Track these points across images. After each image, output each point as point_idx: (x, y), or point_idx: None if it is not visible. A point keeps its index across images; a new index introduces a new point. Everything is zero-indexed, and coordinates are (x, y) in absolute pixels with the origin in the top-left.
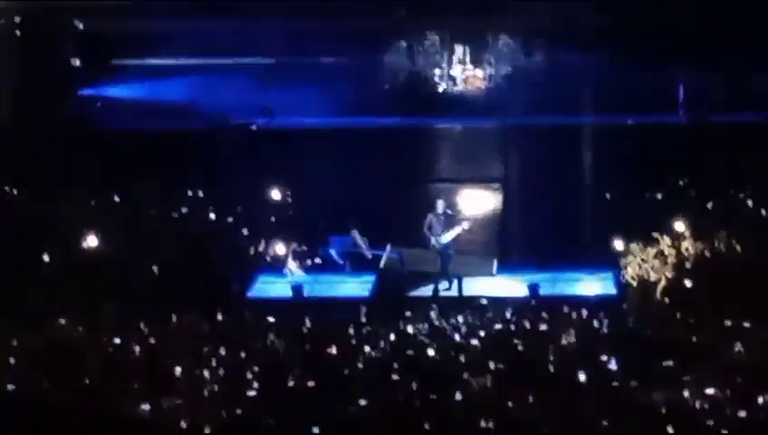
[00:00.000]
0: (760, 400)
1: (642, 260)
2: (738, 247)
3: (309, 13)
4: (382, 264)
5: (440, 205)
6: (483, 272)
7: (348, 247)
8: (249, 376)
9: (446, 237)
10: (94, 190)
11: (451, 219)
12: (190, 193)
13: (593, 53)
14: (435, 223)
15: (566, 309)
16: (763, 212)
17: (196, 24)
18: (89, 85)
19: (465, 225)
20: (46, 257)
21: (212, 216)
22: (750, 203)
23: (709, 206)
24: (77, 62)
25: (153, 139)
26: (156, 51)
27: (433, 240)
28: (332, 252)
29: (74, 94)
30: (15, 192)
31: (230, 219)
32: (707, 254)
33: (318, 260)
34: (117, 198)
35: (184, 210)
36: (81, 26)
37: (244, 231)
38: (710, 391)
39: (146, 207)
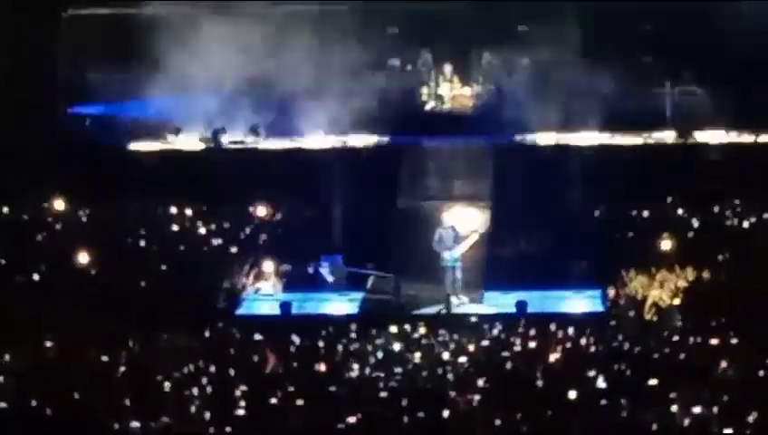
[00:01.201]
0: (747, 418)
1: (630, 278)
2: (725, 264)
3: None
4: (369, 286)
5: (448, 219)
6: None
7: (338, 268)
8: (236, 394)
9: (459, 250)
10: (81, 207)
11: (459, 233)
12: (178, 211)
13: (581, 70)
14: (444, 237)
15: (554, 327)
16: (750, 229)
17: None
18: (77, 102)
19: (476, 235)
20: (32, 273)
21: (201, 231)
22: (736, 220)
23: (696, 223)
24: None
25: (141, 156)
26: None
27: (446, 254)
28: (323, 271)
29: (63, 110)
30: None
31: (218, 238)
32: (695, 271)
33: (305, 279)
34: (104, 215)
35: (172, 228)
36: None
37: (232, 249)
38: (697, 409)
39: (134, 224)
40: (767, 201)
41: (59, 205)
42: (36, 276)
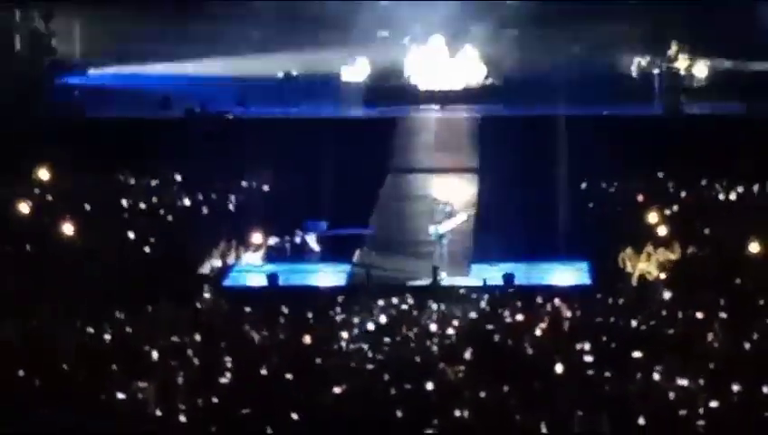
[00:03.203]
0: (732, 390)
1: (617, 251)
2: (713, 238)
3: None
4: (356, 258)
5: (437, 192)
6: (456, 273)
7: (323, 232)
8: (224, 364)
9: (446, 226)
10: (67, 178)
11: (450, 209)
12: (165, 181)
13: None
14: (433, 210)
15: (540, 299)
16: (739, 202)
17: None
18: (65, 74)
19: (466, 215)
20: (17, 245)
21: (186, 203)
22: (724, 195)
23: (684, 196)
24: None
25: (128, 127)
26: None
27: (432, 229)
28: (308, 238)
29: (51, 83)
30: None
31: (205, 208)
32: (682, 245)
33: (291, 249)
34: (90, 186)
35: (159, 198)
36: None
37: (220, 219)
38: (683, 381)
39: (120, 195)
40: (754, 174)
41: (44, 176)
42: (22, 248)
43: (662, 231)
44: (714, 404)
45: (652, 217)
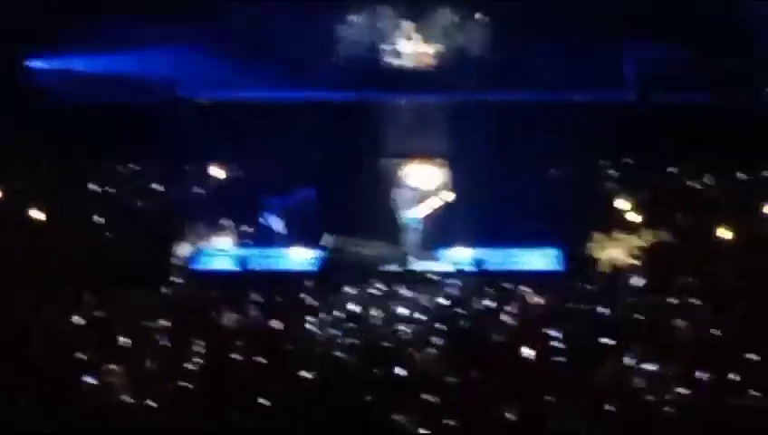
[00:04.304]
0: (701, 377)
1: (588, 236)
2: (683, 224)
3: None
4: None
5: (410, 178)
6: (426, 258)
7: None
8: (194, 349)
9: (419, 212)
10: (36, 164)
11: (421, 194)
12: (135, 166)
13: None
14: (404, 195)
15: (511, 284)
16: (708, 190)
17: None
18: (35, 57)
19: (439, 201)
20: None
21: (158, 188)
22: (695, 181)
23: (654, 183)
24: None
25: (98, 112)
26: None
27: (405, 213)
28: (270, 219)
29: (20, 66)
30: None
31: (176, 192)
32: (652, 231)
33: (262, 234)
34: (61, 171)
35: (128, 184)
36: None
37: (189, 204)
38: (652, 367)
39: (90, 180)
40: (725, 161)
41: (12, 161)
42: None
43: (632, 217)
44: (683, 391)
45: (623, 204)
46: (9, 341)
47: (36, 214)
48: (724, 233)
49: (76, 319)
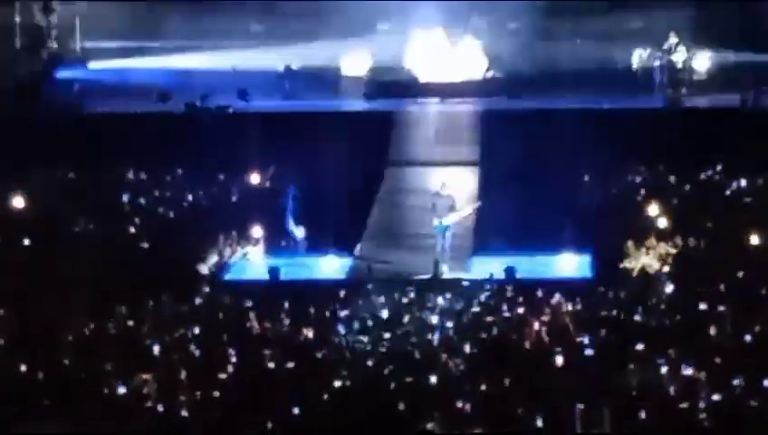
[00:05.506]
0: (733, 383)
1: (619, 243)
2: (715, 231)
3: None
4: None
5: (444, 185)
6: (457, 266)
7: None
8: (226, 358)
9: (451, 218)
10: (67, 172)
11: (452, 202)
12: (165, 175)
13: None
14: (437, 203)
15: (542, 292)
16: (739, 195)
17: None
18: (65, 68)
19: (470, 209)
20: (17, 241)
21: (189, 198)
22: (726, 188)
23: (686, 189)
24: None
25: (128, 122)
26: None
27: (435, 222)
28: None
29: (50, 78)
30: None
31: (206, 203)
32: (683, 237)
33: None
34: (91, 180)
35: (160, 193)
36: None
37: (221, 213)
38: (685, 373)
39: (120, 190)
40: (755, 166)
41: (45, 171)
42: (20, 244)
43: (663, 224)
44: (716, 397)
45: (653, 210)
46: (40, 350)
47: (65, 224)
48: (757, 238)
49: (107, 328)
